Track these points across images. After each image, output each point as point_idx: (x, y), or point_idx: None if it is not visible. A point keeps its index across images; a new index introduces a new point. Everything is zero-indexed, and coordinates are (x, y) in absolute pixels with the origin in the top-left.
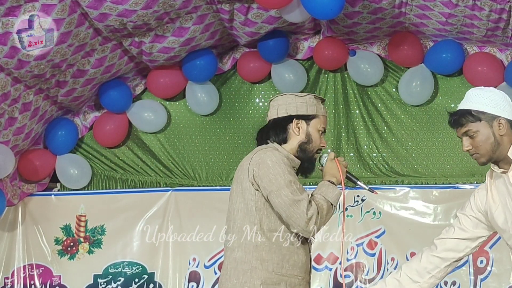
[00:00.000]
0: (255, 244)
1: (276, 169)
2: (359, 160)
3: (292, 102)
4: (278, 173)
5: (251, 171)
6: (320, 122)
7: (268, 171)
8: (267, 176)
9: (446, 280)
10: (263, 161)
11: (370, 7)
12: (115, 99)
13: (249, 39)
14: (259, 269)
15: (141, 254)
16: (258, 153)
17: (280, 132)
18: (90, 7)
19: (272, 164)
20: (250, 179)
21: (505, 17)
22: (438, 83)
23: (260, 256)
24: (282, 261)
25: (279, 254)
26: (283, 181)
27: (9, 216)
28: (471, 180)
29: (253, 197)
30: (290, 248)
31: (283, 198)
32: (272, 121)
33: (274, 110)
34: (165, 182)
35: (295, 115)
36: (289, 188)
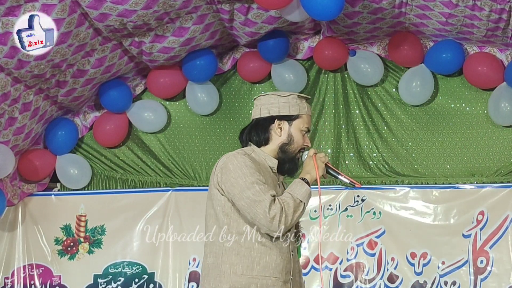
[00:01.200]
0: (224, 248)
1: (237, 172)
2: (359, 160)
3: (274, 102)
4: (239, 176)
5: (215, 177)
6: (303, 122)
7: (230, 175)
8: (229, 180)
9: (446, 280)
10: (225, 165)
11: (370, 7)
12: (115, 99)
13: (249, 39)
14: (227, 273)
15: (141, 254)
16: (222, 159)
17: (261, 133)
18: (90, 7)
19: (233, 167)
20: (215, 185)
21: (505, 17)
22: (438, 83)
23: (229, 260)
24: (252, 263)
25: (248, 257)
26: (244, 184)
27: (9, 216)
28: (471, 180)
29: (220, 202)
30: (261, 250)
31: (245, 200)
32: (254, 121)
33: (257, 109)
34: (165, 182)
35: (277, 116)
36: (250, 189)
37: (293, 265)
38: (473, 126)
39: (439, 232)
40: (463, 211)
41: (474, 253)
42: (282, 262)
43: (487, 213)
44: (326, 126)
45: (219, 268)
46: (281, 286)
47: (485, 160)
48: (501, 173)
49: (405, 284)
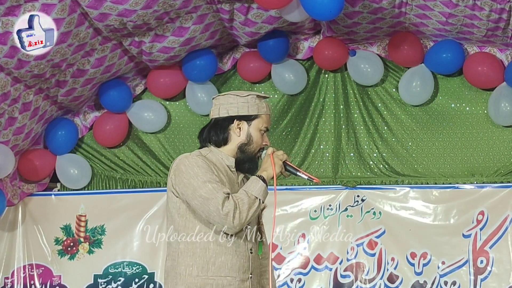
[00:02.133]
0: (180, 250)
1: (189, 172)
2: (359, 160)
3: (233, 102)
4: (191, 176)
5: (169, 180)
6: (262, 122)
7: (182, 176)
8: (182, 181)
9: (446, 280)
10: (177, 167)
11: (370, 7)
12: (115, 99)
13: (249, 39)
14: (183, 275)
15: (141, 254)
16: (175, 161)
17: (220, 133)
18: (90, 7)
19: (185, 168)
20: (170, 187)
21: (505, 17)
22: (438, 83)
23: (185, 262)
24: (207, 264)
25: (203, 257)
26: (196, 183)
27: (9, 216)
28: (471, 180)
29: (175, 205)
30: (217, 250)
31: (198, 199)
32: (213, 121)
33: (215, 109)
34: (165, 182)
35: (236, 116)
36: (202, 188)
37: (251, 263)
38: (473, 126)
39: (439, 232)
40: (463, 211)
41: (474, 253)
42: (238, 261)
43: (487, 213)
44: (326, 126)
45: (175, 270)
46: (239, 285)
47: (485, 160)
48: (501, 173)
49: (405, 284)
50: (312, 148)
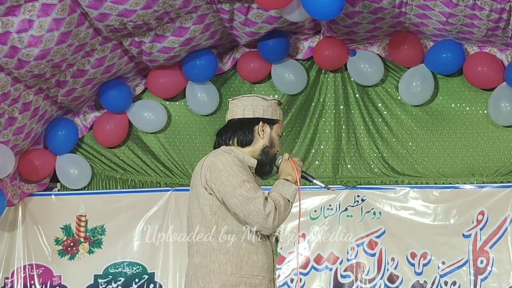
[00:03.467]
0: (212, 248)
1: (228, 170)
2: (359, 160)
3: (259, 104)
4: (230, 174)
5: (203, 176)
6: (280, 127)
7: (220, 173)
8: (219, 178)
9: (446, 280)
10: (214, 164)
11: (370, 6)
12: (115, 99)
13: (249, 39)
14: (217, 272)
15: (141, 254)
16: (209, 157)
17: (248, 133)
18: (90, 7)
19: (223, 166)
20: (203, 184)
21: (505, 17)
22: (438, 83)
23: (218, 259)
24: (240, 263)
25: (237, 256)
26: (235, 182)
27: (9, 216)
28: (471, 180)
29: (207, 202)
30: (249, 249)
31: (238, 197)
32: (236, 121)
33: (238, 109)
34: (165, 182)
35: (261, 118)
36: (242, 187)
37: (275, 264)
38: (473, 126)
39: (439, 232)
40: (463, 211)
41: (474, 253)
42: (267, 260)
43: (487, 213)
44: (327, 126)
45: (207, 267)
46: (267, 285)
47: (485, 160)
48: (501, 173)
49: (405, 284)
50: (312, 148)
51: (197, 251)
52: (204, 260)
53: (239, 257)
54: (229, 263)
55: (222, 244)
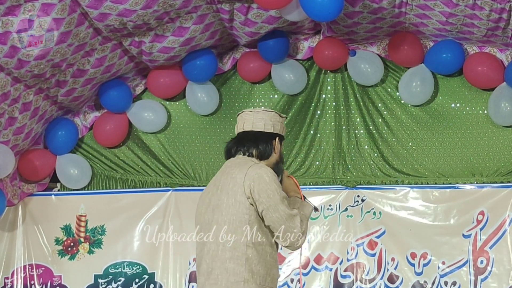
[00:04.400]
0: (246, 256)
1: (273, 185)
2: (359, 160)
3: (277, 120)
4: (275, 189)
5: (247, 186)
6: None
7: (266, 186)
8: (265, 191)
9: (446, 280)
10: (260, 176)
11: (370, 6)
12: (115, 99)
13: (249, 39)
14: (250, 281)
15: (142, 254)
16: (253, 168)
17: (270, 146)
18: (90, 7)
19: (269, 180)
20: (247, 193)
21: (505, 17)
22: (438, 83)
23: (251, 268)
24: (266, 275)
25: (264, 267)
26: (279, 197)
27: (9, 216)
28: (471, 180)
29: (247, 211)
30: (271, 262)
31: (281, 213)
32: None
33: (259, 123)
34: (165, 182)
35: (278, 134)
36: (284, 203)
37: None
38: (473, 126)
39: (439, 232)
40: (463, 211)
41: (474, 253)
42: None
43: (487, 213)
44: (327, 126)
45: (241, 275)
46: None
47: (485, 160)
48: (501, 173)
49: (405, 284)
50: (313, 148)
51: (231, 257)
52: (239, 268)
53: (266, 269)
54: (258, 273)
55: (255, 254)
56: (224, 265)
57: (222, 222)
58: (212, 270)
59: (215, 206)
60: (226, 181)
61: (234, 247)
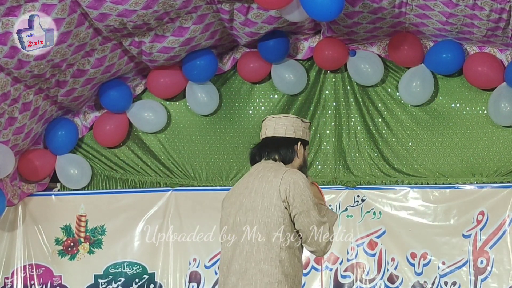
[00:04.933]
0: (280, 258)
1: (307, 191)
2: (359, 160)
3: (298, 125)
4: (309, 195)
5: (283, 190)
6: (308, 149)
7: (301, 192)
8: (300, 196)
9: (446, 280)
10: (296, 182)
11: (370, 6)
12: (115, 99)
13: (249, 39)
14: (284, 283)
15: (142, 254)
16: (289, 173)
17: (292, 152)
18: (90, 7)
19: (303, 185)
20: (282, 197)
21: (505, 17)
22: (438, 83)
23: (283, 270)
24: (295, 277)
25: (293, 270)
26: (311, 203)
27: (9, 216)
28: (471, 180)
29: (282, 214)
30: (298, 265)
31: (312, 218)
32: (279, 138)
33: (280, 128)
34: (165, 182)
35: (300, 139)
36: (315, 210)
37: None
38: (473, 126)
39: (439, 232)
40: (463, 211)
41: (474, 253)
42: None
43: (487, 213)
44: (327, 126)
45: (275, 276)
46: None
47: (485, 160)
48: (501, 173)
49: (405, 284)
50: (313, 148)
51: (265, 258)
52: (273, 269)
53: (294, 272)
54: (290, 276)
55: (288, 257)
56: (258, 266)
57: (257, 223)
58: (246, 270)
59: (249, 208)
60: (261, 184)
61: (269, 248)
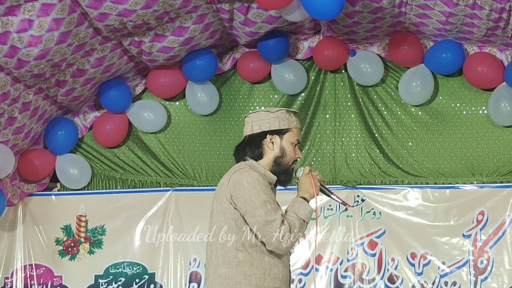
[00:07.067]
0: (238, 260)
1: (252, 190)
2: (359, 160)
3: (265, 118)
4: (253, 194)
5: (228, 192)
6: (293, 135)
7: (244, 191)
8: (242, 196)
9: (446, 280)
10: (239, 181)
11: (371, 6)
12: (115, 99)
13: (249, 39)
14: (243, 283)
15: (142, 254)
16: (236, 174)
17: (255, 148)
18: (90, 7)
19: (248, 185)
20: (228, 199)
21: (505, 17)
22: (438, 83)
23: (243, 271)
24: (264, 275)
25: (260, 268)
26: (257, 202)
27: (9, 216)
28: (471, 180)
29: (233, 216)
30: (271, 261)
31: (257, 218)
32: (247, 137)
33: (248, 126)
34: (165, 182)
35: (268, 131)
36: (263, 208)
37: (291, 275)
38: (473, 126)
39: (439, 232)
40: (463, 211)
41: (474, 253)
42: (286, 273)
43: (487, 213)
44: (327, 126)
45: (233, 278)
46: None
47: (485, 160)
48: (501, 173)
49: (406, 284)
50: (313, 148)
51: (223, 262)
52: (230, 271)
53: (263, 269)
54: (253, 275)
55: (247, 257)
56: (217, 271)
57: (214, 227)
58: (208, 276)
59: (211, 213)
60: (217, 188)
61: (225, 251)
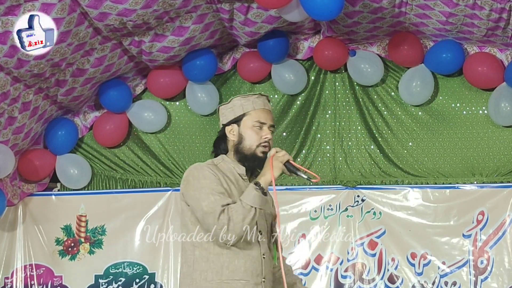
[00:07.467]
0: (195, 257)
1: (195, 185)
2: (359, 160)
3: (224, 112)
4: (197, 189)
5: (181, 190)
6: (251, 118)
7: (189, 187)
8: (188, 193)
9: (446, 280)
10: (186, 178)
11: (371, 6)
12: (115, 99)
13: (249, 39)
14: (198, 280)
15: (142, 254)
16: (186, 171)
17: (220, 143)
18: (90, 6)
19: (192, 180)
20: (182, 198)
21: (505, 17)
22: (438, 83)
23: (200, 267)
24: (221, 268)
25: (217, 262)
26: (200, 196)
27: (9, 216)
28: (471, 180)
29: (187, 213)
30: (230, 254)
31: (200, 212)
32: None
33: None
34: (165, 182)
35: (226, 124)
36: (205, 201)
37: (264, 268)
38: (473, 126)
39: (439, 232)
40: (463, 211)
41: (474, 253)
42: (251, 265)
43: (487, 213)
44: (327, 126)
45: (191, 276)
46: None
47: (485, 160)
48: (501, 173)
49: (406, 284)
50: (313, 148)
51: (185, 261)
52: (189, 269)
53: (220, 263)
54: (209, 270)
55: (203, 253)
56: (182, 270)
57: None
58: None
59: None
60: None
61: (185, 250)
